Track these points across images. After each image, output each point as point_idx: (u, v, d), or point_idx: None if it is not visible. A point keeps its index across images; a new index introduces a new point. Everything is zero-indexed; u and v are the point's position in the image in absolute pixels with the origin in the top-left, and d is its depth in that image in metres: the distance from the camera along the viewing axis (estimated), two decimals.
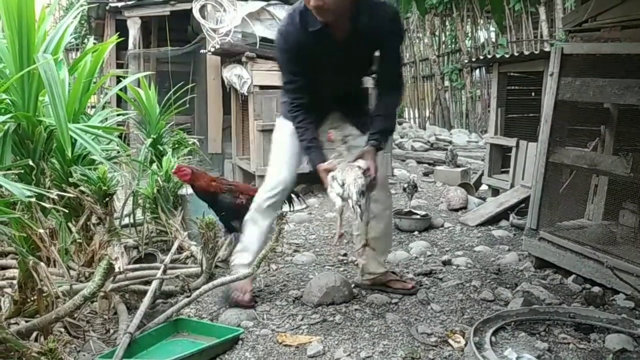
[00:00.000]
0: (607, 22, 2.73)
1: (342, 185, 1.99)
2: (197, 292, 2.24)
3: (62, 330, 1.80)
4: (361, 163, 2.07)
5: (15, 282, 2.05)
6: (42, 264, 1.62)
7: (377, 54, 2.20)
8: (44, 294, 1.76)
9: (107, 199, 2.06)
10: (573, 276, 2.65)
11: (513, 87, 4.72)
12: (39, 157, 2.01)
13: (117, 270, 1.73)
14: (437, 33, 10.41)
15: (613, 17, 2.72)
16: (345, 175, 2.01)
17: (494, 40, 8.85)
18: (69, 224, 2.39)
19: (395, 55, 2.26)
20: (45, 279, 1.61)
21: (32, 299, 1.96)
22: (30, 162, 1.83)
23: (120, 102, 5.35)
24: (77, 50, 9.74)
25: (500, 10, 2.30)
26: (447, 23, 10.27)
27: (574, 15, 3.02)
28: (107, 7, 5.76)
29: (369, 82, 2.99)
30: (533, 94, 4.70)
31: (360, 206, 1.95)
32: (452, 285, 2.62)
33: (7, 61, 1.96)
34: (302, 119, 2.19)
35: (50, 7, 2.30)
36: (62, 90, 1.87)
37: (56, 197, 1.78)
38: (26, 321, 1.90)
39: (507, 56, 4.59)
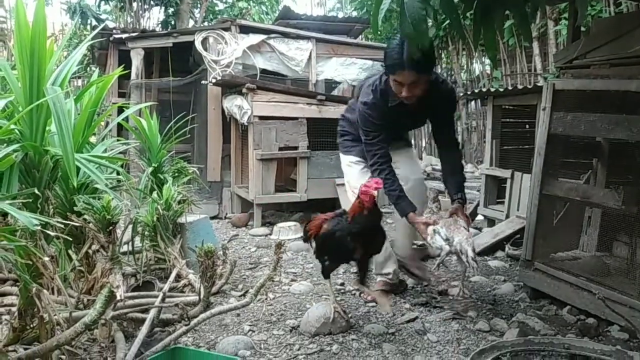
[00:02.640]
0: (597, 60, 2.83)
1: (446, 239, 2.46)
2: (196, 320, 2.26)
3: (62, 357, 1.81)
4: (462, 222, 2.53)
5: (13, 309, 2.06)
6: (45, 291, 1.64)
7: (435, 118, 2.82)
8: (45, 321, 1.78)
9: (111, 227, 2.10)
10: (568, 307, 2.68)
11: (508, 120, 4.82)
12: (44, 186, 2.05)
13: (118, 298, 1.75)
14: None
15: (602, 54, 2.81)
16: (452, 233, 2.47)
17: (489, 72, 9.02)
18: (69, 251, 2.42)
19: (452, 120, 2.89)
20: (48, 306, 1.64)
21: (31, 326, 1.98)
22: (36, 191, 1.87)
23: (120, 129, 5.42)
24: (80, 78, 9.89)
25: (494, 47, 2.38)
26: (443, 56, 10.48)
27: (565, 52, 3.12)
28: (111, 39, 5.88)
29: None
30: (527, 126, 4.80)
31: (476, 261, 2.42)
32: (448, 315, 2.64)
33: (16, 92, 2.02)
34: (389, 172, 2.63)
35: (60, 44, 2.38)
36: (69, 121, 1.93)
37: (60, 225, 1.82)
38: (25, 348, 1.91)
39: (501, 90, 4.70)
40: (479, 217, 4.96)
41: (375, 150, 2.64)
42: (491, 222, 4.60)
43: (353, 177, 2.92)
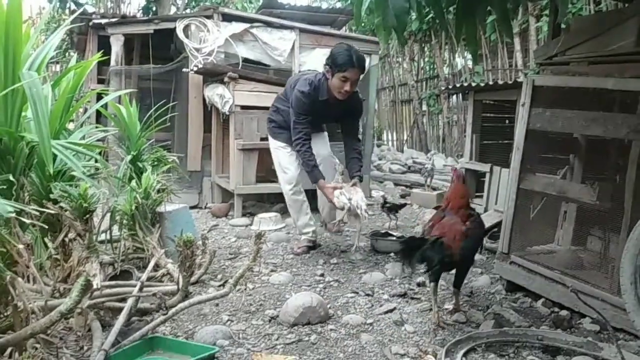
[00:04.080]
0: (576, 57, 2.87)
1: (350, 199, 3.26)
2: (174, 310, 2.25)
3: (37, 346, 1.79)
4: (359, 189, 3.39)
5: None
6: (19, 279, 1.62)
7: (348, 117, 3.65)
8: (19, 310, 1.75)
9: (87, 215, 2.07)
10: (542, 300, 2.73)
11: (488, 114, 4.87)
12: (20, 173, 2.01)
13: (94, 287, 1.73)
14: (416, 59, 10.66)
15: (581, 52, 2.85)
16: (352, 195, 3.30)
17: (470, 67, 9.09)
18: (45, 239, 2.38)
19: (357, 121, 3.82)
20: (22, 294, 1.61)
21: (4, 314, 1.95)
22: (11, 178, 1.83)
23: (99, 117, 5.32)
24: (58, 63, 9.69)
25: (475, 42, 2.41)
26: (425, 49, 10.53)
27: (545, 49, 3.16)
28: (91, 24, 5.76)
29: None
30: (507, 121, 4.86)
31: (367, 213, 3.38)
32: (425, 306, 2.68)
33: None
34: (308, 147, 3.41)
35: (36, 28, 2.32)
36: (45, 107, 1.88)
37: (36, 213, 1.79)
38: None
39: (482, 85, 4.74)
40: None
41: (301, 128, 3.39)
42: None
43: (283, 159, 3.72)
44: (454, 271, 2.58)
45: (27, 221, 1.77)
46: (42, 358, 1.71)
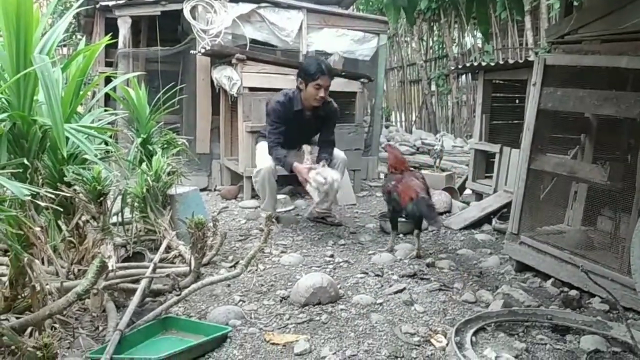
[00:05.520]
0: (588, 36, 2.82)
1: (325, 178, 3.46)
2: (187, 290, 2.28)
3: (55, 326, 1.83)
4: (329, 169, 3.63)
5: (3, 278, 2.07)
6: (36, 261, 1.65)
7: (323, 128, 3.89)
8: (37, 291, 1.79)
9: (102, 198, 2.09)
10: (552, 280, 2.74)
11: (498, 94, 4.82)
12: (33, 156, 2.03)
13: (110, 268, 1.76)
14: (424, 38, 10.54)
15: (593, 30, 2.81)
16: (326, 174, 3.51)
17: (480, 46, 8.99)
18: (58, 222, 2.42)
19: (332, 132, 3.92)
20: (40, 276, 1.65)
21: (22, 295, 1.99)
22: (25, 161, 1.85)
23: (108, 100, 5.34)
24: (65, 46, 9.66)
25: (486, 21, 2.38)
26: (434, 29, 10.40)
27: (556, 27, 3.11)
28: (97, 6, 5.74)
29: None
30: (517, 101, 4.81)
31: (337, 190, 3.61)
32: (435, 286, 2.70)
33: (2, 60, 1.98)
34: (277, 148, 3.70)
35: (46, 11, 2.32)
36: (57, 91, 1.90)
37: (50, 196, 1.81)
38: (16, 317, 1.93)
39: (492, 64, 4.69)
40: (467, 191, 5.02)
41: (274, 134, 3.70)
42: (479, 196, 4.66)
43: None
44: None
45: (42, 204, 1.79)
46: (61, 337, 1.75)
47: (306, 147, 3.84)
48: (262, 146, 3.93)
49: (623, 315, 2.05)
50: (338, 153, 3.99)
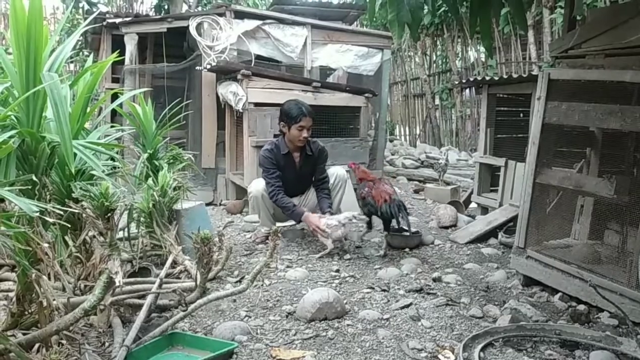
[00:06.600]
0: (592, 50, 2.84)
1: (338, 222, 3.53)
2: (193, 306, 2.28)
3: (62, 342, 1.83)
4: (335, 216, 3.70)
5: (10, 294, 2.08)
6: (44, 276, 1.66)
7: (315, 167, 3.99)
8: (44, 307, 1.79)
9: (109, 214, 2.10)
10: (559, 294, 2.72)
11: (502, 108, 4.84)
12: (42, 173, 2.05)
13: (117, 284, 1.76)
14: (428, 53, 10.60)
15: (597, 45, 2.83)
16: (336, 215, 3.66)
17: (483, 60, 9.02)
18: (65, 238, 2.43)
19: (324, 169, 4.01)
20: (47, 291, 1.65)
21: (29, 311, 1.99)
22: (34, 177, 1.87)
23: (114, 115, 5.39)
24: (72, 62, 9.77)
25: (489, 36, 2.40)
26: (438, 43, 10.46)
27: (560, 42, 3.13)
28: (105, 23, 5.82)
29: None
30: (521, 115, 4.82)
31: (355, 217, 3.72)
32: (442, 302, 2.68)
33: (13, 79, 2.01)
34: (282, 195, 3.76)
35: (55, 30, 2.36)
36: (65, 108, 1.92)
37: (58, 212, 1.82)
38: (23, 333, 1.93)
39: (496, 78, 4.71)
40: (473, 205, 5.01)
41: (272, 181, 3.78)
42: (485, 209, 4.65)
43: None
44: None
45: (50, 220, 1.80)
46: (68, 354, 1.75)
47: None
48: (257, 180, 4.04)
49: (633, 330, 2.03)
50: (336, 170, 4.08)
